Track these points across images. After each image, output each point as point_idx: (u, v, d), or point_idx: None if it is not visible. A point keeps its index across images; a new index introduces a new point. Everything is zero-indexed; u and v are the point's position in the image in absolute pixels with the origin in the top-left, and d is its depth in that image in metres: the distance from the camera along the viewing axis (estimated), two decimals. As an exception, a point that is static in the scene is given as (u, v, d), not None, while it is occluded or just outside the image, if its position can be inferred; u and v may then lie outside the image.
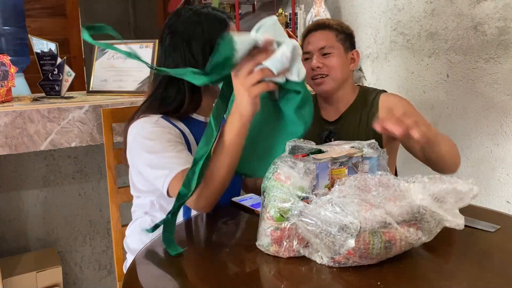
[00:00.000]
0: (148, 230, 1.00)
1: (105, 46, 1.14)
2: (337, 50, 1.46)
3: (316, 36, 1.47)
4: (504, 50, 1.69)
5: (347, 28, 1.51)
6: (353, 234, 0.80)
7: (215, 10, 1.25)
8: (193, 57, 1.20)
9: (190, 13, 1.22)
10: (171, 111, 1.20)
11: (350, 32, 1.52)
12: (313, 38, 1.47)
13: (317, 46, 1.45)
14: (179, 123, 1.21)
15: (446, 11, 1.88)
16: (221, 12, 1.26)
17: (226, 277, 0.85)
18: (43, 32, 3.42)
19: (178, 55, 1.21)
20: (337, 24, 1.49)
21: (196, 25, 1.21)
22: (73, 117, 1.52)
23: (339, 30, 1.48)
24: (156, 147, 1.13)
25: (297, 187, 0.88)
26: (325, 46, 1.45)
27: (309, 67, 1.45)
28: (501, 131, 1.73)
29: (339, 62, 1.46)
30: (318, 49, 1.45)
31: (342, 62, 1.46)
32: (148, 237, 1.18)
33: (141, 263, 0.93)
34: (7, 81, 1.56)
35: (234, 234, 1.10)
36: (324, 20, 1.52)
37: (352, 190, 0.87)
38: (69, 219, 1.89)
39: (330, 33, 1.47)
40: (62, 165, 1.84)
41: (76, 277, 1.94)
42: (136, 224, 1.29)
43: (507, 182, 1.73)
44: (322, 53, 1.45)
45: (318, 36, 1.47)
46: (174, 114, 1.20)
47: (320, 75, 1.45)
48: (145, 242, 1.03)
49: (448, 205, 0.86)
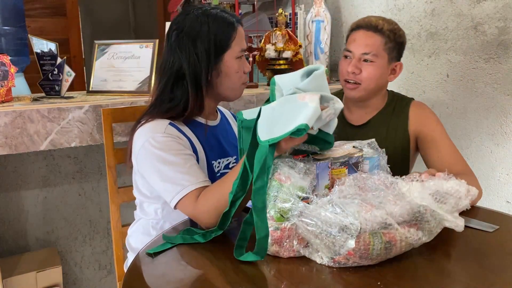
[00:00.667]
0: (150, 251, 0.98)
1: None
2: (379, 60, 1.35)
3: (364, 38, 1.35)
4: (504, 50, 1.69)
5: (399, 36, 1.38)
6: (353, 235, 0.80)
7: (224, 12, 1.24)
8: (197, 56, 1.20)
9: (199, 12, 1.22)
10: (177, 115, 1.20)
11: (402, 41, 1.39)
12: (360, 39, 1.36)
13: (360, 50, 1.35)
14: (185, 128, 1.21)
15: (446, 11, 1.88)
16: (231, 15, 1.25)
17: (227, 277, 0.85)
18: (43, 32, 3.42)
19: (183, 53, 1.21)
20: (390, 29, 1.36)
21: (203, 24, 1.21)
22: (73, 117, 1.52)
23: (390, 38, 1.35)
24: (168, 159, 1.12)
25: (297, 187, 0.88)
26: (369, 53, 1.34)
27: (345, 67, 1.37)
28: (501, 131, 1.73)
29: (377, 73, 1.35)
30: (360, 53, 1.35)
31: (380, 73, 1.36)
32: (149, 237, 1.19)
33: (141, 263, 0.93)
34: (7, 81, 1.55)
35: (234, 234, 1.10)
36: (378, 21, 1.37)
37: (352, 190, 0.87)
38: (69, 219, 1.89)
39: (379, 38, 1.35)
40: (62, 165, 1.84)
41: (76, 277, 1.94)
42: (139, 224, 1.29)
43: (507, 182, 1.73)
44: (363, 59, 1.35)
45: (366, 38, 1.35)
46: (180, 117, 1.20)
47: (353, 81, 1.36)
48: (147, 242, 1.04)
49: (448, 205, 0.86)
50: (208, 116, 1.29)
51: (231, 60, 1.22)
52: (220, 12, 1.24)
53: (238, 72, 1.24)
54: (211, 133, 1.28)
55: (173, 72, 1.22)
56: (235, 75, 1.24)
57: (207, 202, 1.04)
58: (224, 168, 1.30)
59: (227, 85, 1.24)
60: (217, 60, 1.21)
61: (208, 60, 1.20)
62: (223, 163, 1.30)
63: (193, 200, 1.07)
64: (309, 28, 2.21)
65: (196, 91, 1.20)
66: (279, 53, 2.14)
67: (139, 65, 1.73)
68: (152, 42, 1.74)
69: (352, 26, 1.41)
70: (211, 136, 1.28)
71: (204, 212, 1.04)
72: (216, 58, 1.21)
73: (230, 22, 1.23)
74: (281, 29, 2.14)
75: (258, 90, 2.01)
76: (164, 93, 1.22)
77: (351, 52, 1.37)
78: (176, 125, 1.19)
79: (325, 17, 2.19)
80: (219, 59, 1.21)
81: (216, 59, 1.21)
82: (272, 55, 2.13)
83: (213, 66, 1.21)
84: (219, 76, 1.23)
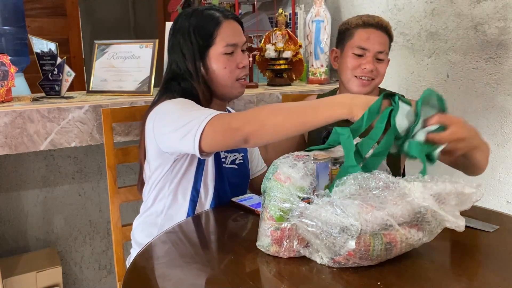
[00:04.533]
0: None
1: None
2: (387, 58, 1.46)
3: (377, 37, 1.42)
4: (504, 50, 1.69)
5: (393, 37, 1.49)
6: (353, 236, 0.80)
7: (213, 10, 1.23)
8: (183, 54, 1.20)
9: (190, 11, 1.24)
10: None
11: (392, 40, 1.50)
12: (375, 38, 1.42)
13: (376, 49, 1.42)
14: None
15: (446, 11, 1.87)
16: (220, 11, 1.23)
17: (227, 277, 0.85)
18: (43, 32, 3.42)
19: (174, 52, 1.23)
20: (390, 29, 1.46)
21: (186, 21, 1.21)
22: (73, 117, 1.52)
23: (391, 37, 1.46)
24: (186, 108, 1.09)
25: (297, 187, 0.88)
26: (383, 51, 1.43)
27: (358, 64, 1.42)
28: (501, 131, 1.73)
29: (385, 70, 1.46)
30: (375, 52, 1.42)
31: (385, 69, 1.46)
32: (155, 230, 1.19)
33: (142, 263, 0.93)
34: (7, 81, 1.55)
35: (234, 234, 1.10)
36: (384, 21, 1.46)
37: (353, 189, 0.87)
38: (69, 219, 1.89)
39: (387, 38, 1.45)
40: (62, 165, 1.84)
41: (76, 277, 1.94)
42: (145, 216, 1.29)
43: (507, 182, 1.73)
44: (377, 57, 1.43)
45: (379, 38, 1.43)
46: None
47: (368, 78, 1.42)
48: (153, 235, 1.04)
49: (449, 207, 0.85)
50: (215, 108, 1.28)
51: (217, 56, 1.21)
52: (208, 9, 1.23)
53: (226, 68, 1.21)
54: None
55: (169, 72, 1.24)
56: (223, 71, 1.22)
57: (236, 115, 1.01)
58: (230, 163, 1.31)
59: (218, 82, 1.23)
60: (203, 57, 1.20)
61: (193, 58, 1.20)
62: (230, 158, 1.31)
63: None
64: (309, 28, 2.21)
65: (204, 88, 1.21)
66: (279, 53, 2.14)
67: (139, 65, 1.73)
68: (152, 42, 1.74)
69: (357, 22, 1.45)
70: None
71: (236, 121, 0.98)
72: (201, 54, 1.20)
73: (214, 17, 1.21)
74: (281, 29, 2.14)
75: (258, 90, 2.00)
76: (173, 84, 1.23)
77: (366, 50, 1.41)
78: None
79: (325, 17, 2.19)
80: (204, 55, 1.20)
81: (201, 55, 1.20)
82: (272, 55, 2.13)
83: (200, 63, 1.21)
84: (208, 73, 1.22)
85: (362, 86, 1.43)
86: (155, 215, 1.25)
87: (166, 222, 1.22)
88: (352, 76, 1.44)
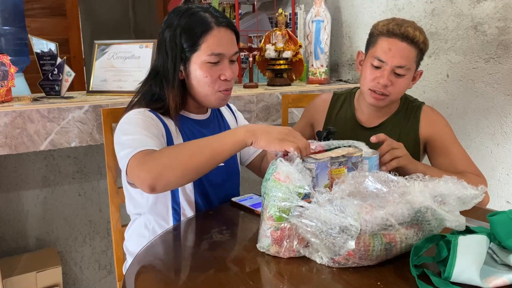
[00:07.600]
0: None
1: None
2: (410, 72, 1.31)
3: (400, 51, 1.28)
4: (504, 50, 1.69)
5: (427, 46, 1.33)
6: (353, 236, 0.80)
7: (208, 13, 1.15)
8: (166, 53, 1.16)
9: (183, 8, 1.18)
10: (158, 108, 1.18)
11: (427, 50, 1.35)
12: (396, 51, 1.28)
13: (395, 63, 1.28)
14: (167, 119, 1.18)
15: (446, 11, 1.87)
16: (214, 16, 1.15)
17: (227, 277, 0.85)
18: (43, 32, 3.42)
19: (160, 49, 1.19)
20: (423, 41, 1.29)
21: (175, 20, 1.15)
22: (73, 117, 1.52)
23: (422, 51, 1.31)
24: (131, 130, 1.10)
25: (296, 186, 0.88)
26: (404, 66, 1.28)
27: (375, 78, 1.31)
28: (501, 131, 1.73)
29: (406, 86, 1.33)
30: (394, 66, 1.28)
31: (407, 85, 1.33)
32: (145, 239, 1.18)
33: (140, 264, 0.93)
34: (7, 81, 1.55)
35: (234, 234, 1.10)
36: (414, 32, 1.28)
37: (352, 188, 0.87)
38: (69, 219, 1.89)
39: (414, 51, 1.29)
40: (62, 165, 1.84)
41: (76, 277, 1.94)
42: (134, 227, 1.28)
43: (507, 182, 1.73)
44: (396, 72, 1.29)
45: (402, 50, 1.28)
46: (159, 110, 1.18)
47: (381, 93, 1.31)
48: (143, 244, 1.03)
49: (449, 206, 0.85)
50: (193, 110, 1.25)
51: (200, 63, 1.14)
52: (202, 11, 1.15)
53: (207, 77, 1.14)
54: (196, 127, 1.24)
55: (153, 68, 1.21)
56: (204, 80, 1.15)
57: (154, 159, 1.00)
58: None
59: (198, 90, 1.17)
60: (186, 60, 1.15)
61: (175, 59, 1.14)
62: None
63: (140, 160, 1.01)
64: (309, 28, 2.21)
65: (177, 90, 1.17)
66: (279, 53, 2.14)
67: (139, 65, 1.73)
68: (152, 42, 1.74)
69: (382, 29, 1.31)
70: (197, 131, 1.24)
71: (146, 169, 0.98)
72: (184, 57, 1.14)
73: (205, 21, 1.13)
74: (281, 29, 2.14)
75: (258, 90, 2.00)
76: (144, 88, 1.22)
77: (383, 63, 1.29)
78: (155, 112, 1.16)
79: (325, 17, 2.19)
80: (186, 59, 1.15)
81: (184, 58, 1.15)
82: (272, 55, 2.13)
83: (181, 66, 1.16)
84: (189, 78, 1.17)
85: (374, 100, 1.33)
86: (143, 227, 1.24)
87: (152, 235, 1.20)
88: (367, 88, 1.33)
